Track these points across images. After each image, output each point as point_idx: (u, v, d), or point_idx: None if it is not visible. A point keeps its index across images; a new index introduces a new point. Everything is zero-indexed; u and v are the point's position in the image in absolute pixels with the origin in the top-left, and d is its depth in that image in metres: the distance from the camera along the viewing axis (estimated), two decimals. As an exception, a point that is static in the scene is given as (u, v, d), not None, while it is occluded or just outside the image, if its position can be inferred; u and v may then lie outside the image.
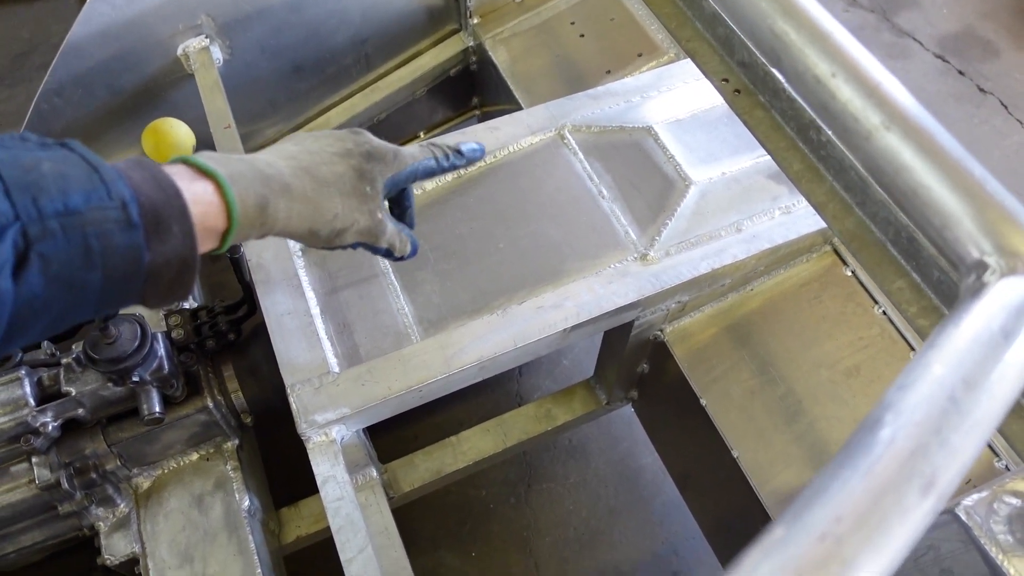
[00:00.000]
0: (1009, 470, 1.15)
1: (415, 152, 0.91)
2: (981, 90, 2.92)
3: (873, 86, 0.62)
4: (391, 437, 1.92)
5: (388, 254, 0.93)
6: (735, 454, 1.31)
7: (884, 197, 0.82)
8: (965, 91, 2.92)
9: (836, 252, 1.43)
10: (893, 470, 0.37)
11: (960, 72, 2.97)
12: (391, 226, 0.88)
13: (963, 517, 0.79)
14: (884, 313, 1.36)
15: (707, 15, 1.06)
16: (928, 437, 0.38)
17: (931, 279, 0.82)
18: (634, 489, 2.03)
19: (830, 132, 0.71)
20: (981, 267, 0.52)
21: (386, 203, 0.90)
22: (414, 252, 0.98)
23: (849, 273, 1.41)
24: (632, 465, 2.06)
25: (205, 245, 0.67)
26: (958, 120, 2.84)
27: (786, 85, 0.89)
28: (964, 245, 0.54)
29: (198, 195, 0.65)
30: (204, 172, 0.67)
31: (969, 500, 0.81)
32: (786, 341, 1.38)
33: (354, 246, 0.87)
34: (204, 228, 0.65)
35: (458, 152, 0.95)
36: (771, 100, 0.98)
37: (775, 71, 0.78)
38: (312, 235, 0.78)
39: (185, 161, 0.68)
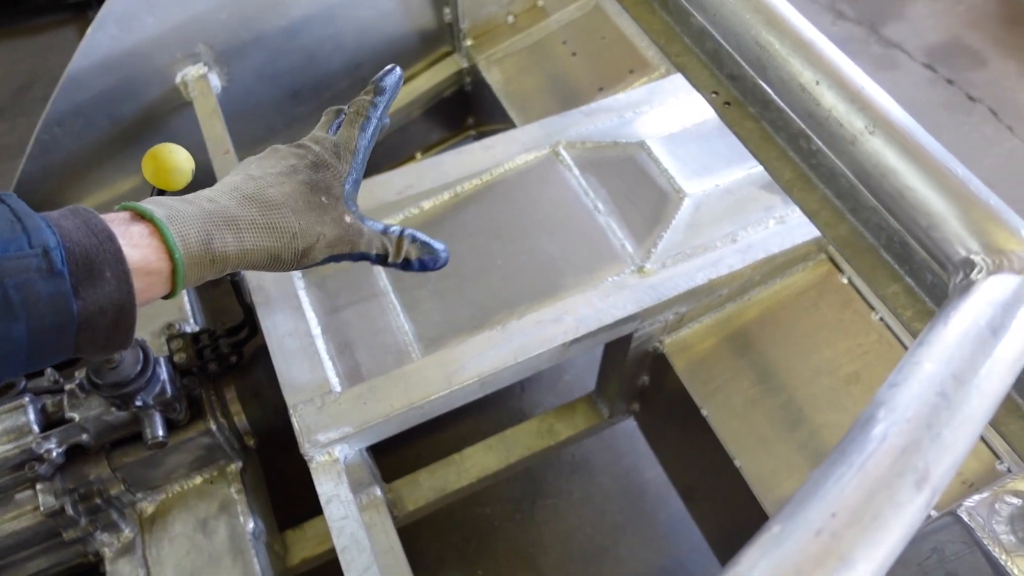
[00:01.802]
0: (1011, 472, 1.16)
1: (354, 140, 0.84)
2: (970, 98, 2.95)
3: (856, 91, 0.64)
4: (394, 456, 1.92)
5: (383, 260, 0.86)
6: (737, 464, 1.31)
7: (875, 203, 0.83)
8: (954, 100, 2.95)
9: (832, 260, 1.44)
10: (886, 465, 0.38)
11: (949, 81, 3.00)
12: (369, 228, 0.83)
13: (965, 518, 0.80)
14: (881, 319, 1.36)
15: (695, 30, 1.08)
16: (920, 432, 0.39)
17: (924, 283, 0.83)
18: (639, 503, 2.02)
19: (817, 138, 0.72)
20: (968, 265, 0.53)
21: (356, 208, 0.82)
22: (435, 261, 0.87)
23: (845, 281, 1.42)
24: (636, 479, 2.05)
25: (153, 291, 0.65)
26: (949, 128, 2.87)
27: (774, 96, 0.91)
28: (951, 244, 0.55)
29: (134, 239, 0.63)
30: (141, 215, 0.65)
31: (971, 501, 0.81)
32: (785, 350, 1.39)
33: (334, 259, 0.82)
34: (146, 272, 0.63)
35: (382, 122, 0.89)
36: (761, 111, 1.00)
37: (761, 81, 0.79)
38: (276, 260, 0.75)
39: (126, 207, 0.66)
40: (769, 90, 0.82)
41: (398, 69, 0.88)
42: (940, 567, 0.87)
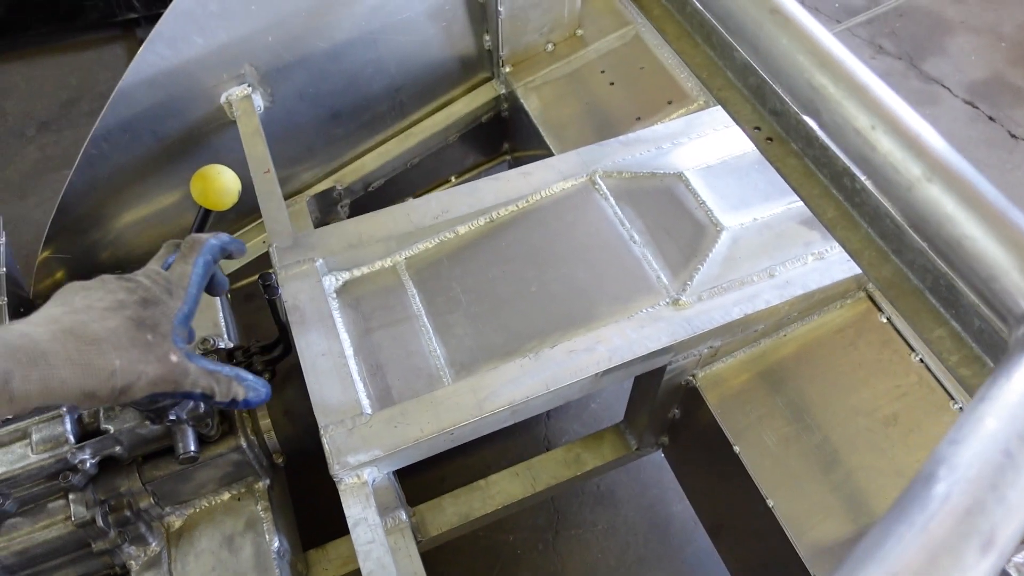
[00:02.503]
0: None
1: (185, 276, 0.86)
2: (1012, 136, 2.90)
3: (913, 137, 0.63)
4: (419, 479, 1.91)
5: (207, 399, 0.85)
6: (770, 503, 1.28)
7: (921, 245, 0.82)
8: (996, 137, 2.91)
9: (871, 299, 1.42)
10: (949, 527, 0.36)
11: (991, 118, 2.96)
12: (196, 367, 0.82)
13: (1014, 574, 0.77)
14: (921, 361, 1.33)
15: (738, 65, 1.07)
16: (984, 493, 0.37)
17: (972, 328, 0.81)
18: (664, 537, 1.99)
19: (869, 183, 0.71)
20: (1030, 319, 0.52)
21: (185, 346, 0.81)
22: (257, 399, 0.91)
23: (884, 320, 1.39)
24: (662, 512, 2.02)
25: None
26: (991, 166, 2.83)
27: (820, 133, 0.90)
28: (1012, 296, 0.54)
29: None
30: None
31: (1020, 558, 0.79)
32: (821, 388, 1.36)
33: (155, 398, 0.80)
34: None
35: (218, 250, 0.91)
36: (804, 148, 0.99)
37: (813, 124, 0.78)
38: (89, 397, 0.72)
39: None
40: (815, 128, 0.81)
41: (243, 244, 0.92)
42: (985, 624, 0.84)
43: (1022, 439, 0.40)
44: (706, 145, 1.52)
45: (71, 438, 1.19)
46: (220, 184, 0.96)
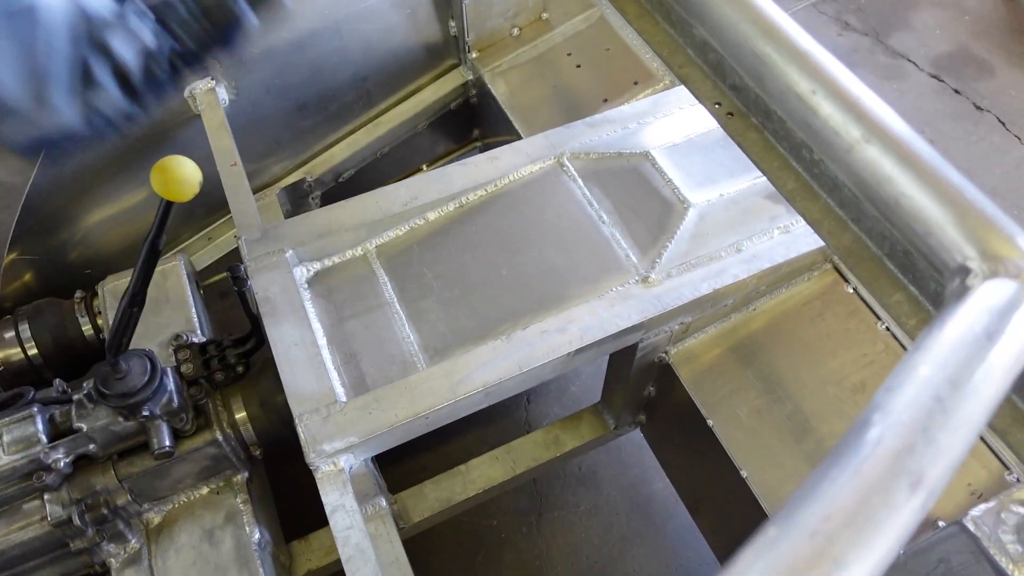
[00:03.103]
0: (1020, 482, 1.15)
1: None
2: (978, 108, 2.94)
3: (852, 101, 0.64)
4: (401, 468, 1.92)
5: None
6: (744, 474, 1.30)
7: (877, 212, 0.83)
8: (962, 109, 2.94)
9: (837, 270, 1.44)
10: (881, 469, 0.38)
11: (956, 91, 3.00)
12: None
13: (971, 528, 0.79)
14: (887, 329, 1.36)
15: (698, 42, 1.08)
16: (915, 436, 0.39)
17: (928, 291, 0.83)
18: (646, 515, 2.01)
19: (814, 147, 0.73)
20: (964, 271, 0.53)
21: None
22: None
23: (851, 290, 1.41)
24: (643, 491, 2.05)
25: None
26: (957, 138, 2.86)
27: (776, 107, 0.91)
28: (947, 251, 0.55)
29: None
30: None
31: (976, 511, 0.81)
32: (791, 360, 1.38)
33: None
34: None
35: None
36: (763, 121, 1.00)
37: (761, 92, 0.80)
38: None
39: None
40: (770, 101, 0.82)
41: None
42: (947, 577, 0.87)
43: (952, 384, 0.41)
44: (672, 124, 1.54)
45: (43, 438, 1.18)
46: (180, 174, 0.96)
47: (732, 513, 1.48)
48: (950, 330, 0.45)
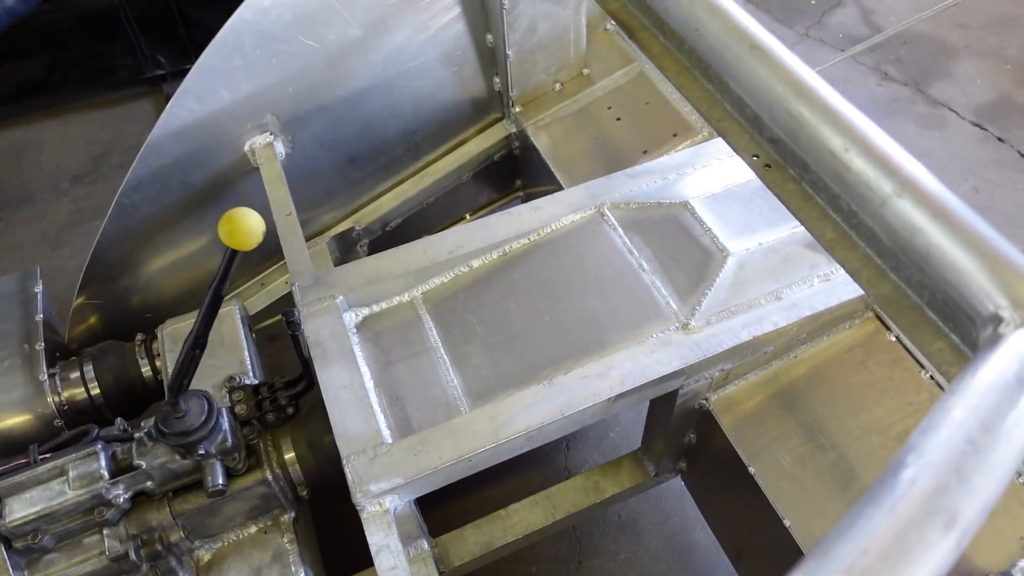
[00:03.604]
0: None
1: None
2: (1023, 155, 2.91)
3: (884, 157, 0.67)
4: (442, 512, 1.93)
5: None
6: (787, 523, 1.29)
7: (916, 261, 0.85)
8: (1006, 157, 2.92)
9: (879, 318, 1.44)
10: (915, 507, 0.39)
11: (999, 139, 2.98)
12: None
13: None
14: (931, 377, 1.35)
15: (734, 97, 1.12)
16: (948, 476, 0.40)
17: (970, 339, 0.84)
18: (687, 566, 1.98)
19: (848, 201, 0.75)
20: (996, 320, 0.55)
21: None
22: None
23: (893, 339, 1.41)
24: (684, 541, 2.02)
25: None
26: (1002, 186, 2.84)
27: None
28: (979, 300, 0.57)
29: None
30: None
31: (1025, 562, 0.80)
32: (834, 407, 1.38)
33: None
34: None
35: None
36: (801, 173, 1.03)
37: (795, 148, 0.83)
38: None
39: None
40: (805, 156, 0.85)
41: None
42: (998, 631, 0.85)
43: (985, 428, 0.43)
44: (710, 174, 1.57)
45: (106, 474, 1.23)
46: (246, 225, 1.02)
47: (775, 563, 1.46)
48: (983, 376, 0.47)
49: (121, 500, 1.23)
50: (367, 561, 1.13)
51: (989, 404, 0.45)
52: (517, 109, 1.99)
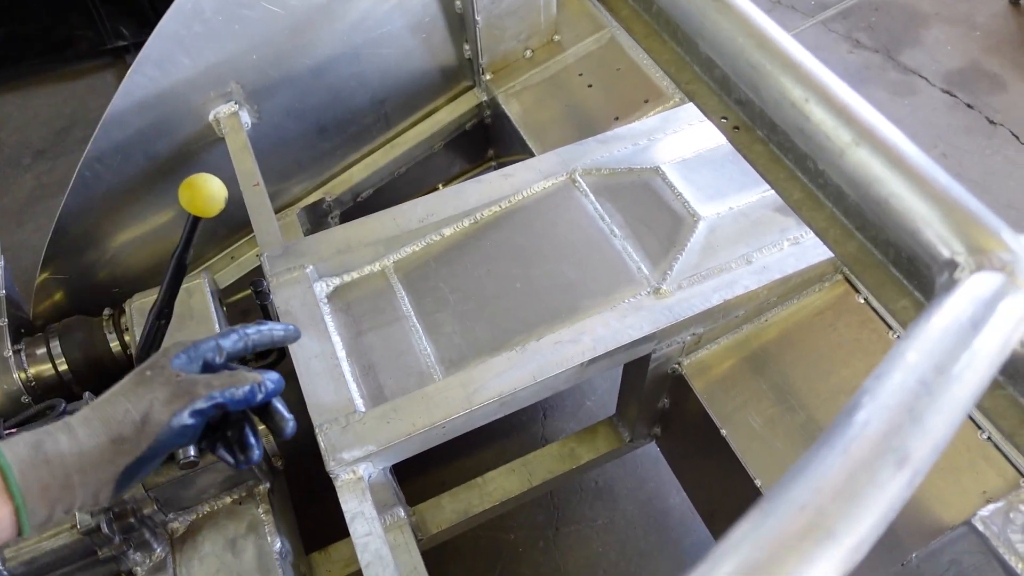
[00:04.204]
0: (1034, 488, 1.15)
1: (203, 343, 0.89)
2: (991, 122, 2.95)
3: (842, 106, 0.67)
4: (419, 482, 1.94)
5: (237, 402, 0.85)
6: (758, 483, 1.31)
7: (881, 219, 0.86)
8: (975, 124, 2.95)
9: (848, 280, 1.46)
10: (868, 448, 0.40)
11: (969, 105, 3.01)
12: (204, 377, 0.84)
13: (980, 528, 0.80)
14: (899, 338, 1.37)
15: (703, 58, 1.12)
16: (901, 417, 0.41)
17: (931, 293, 0.85)
18: (663, 530, 2.01)
19: (808, 152, 0.76)
20: (952, 265, 0.55)
21: (197, 369, 0.85)
22: (277, 380, 0.91)
23: (862, 300, 1.43)
24: (660, 506, 2.05)
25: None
26: (971, 152, 2.87)
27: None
28: (936, 246, 0.58)
29: None
30: None
31: (985, 511, 0.82)
32: (804, 369, 1.40)
33: (194, 425, 0.81)
34: None
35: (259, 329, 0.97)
36: (768, 134, 1.03)
37: (757, 102, 0.83)
38: (119, 442, 0.76)
39: None
40: (770, 112, 0.85)
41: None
42: (958, 579, 0.88)
43: (938, 369, 0.43)
44: (681, 139, 1.57)
45: (74, 448, 1.22)
46: (207, 191, 1.00)
47: (748, 524, 1.49)
48: (937, 320, 0.47)
49: (91, 474, 1.22)
50: (346, 531, 1.13)
51: (943, 347, 0.45)
52: (488, 77, 1.97)
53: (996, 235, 0.55)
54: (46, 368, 1.54)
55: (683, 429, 1.61)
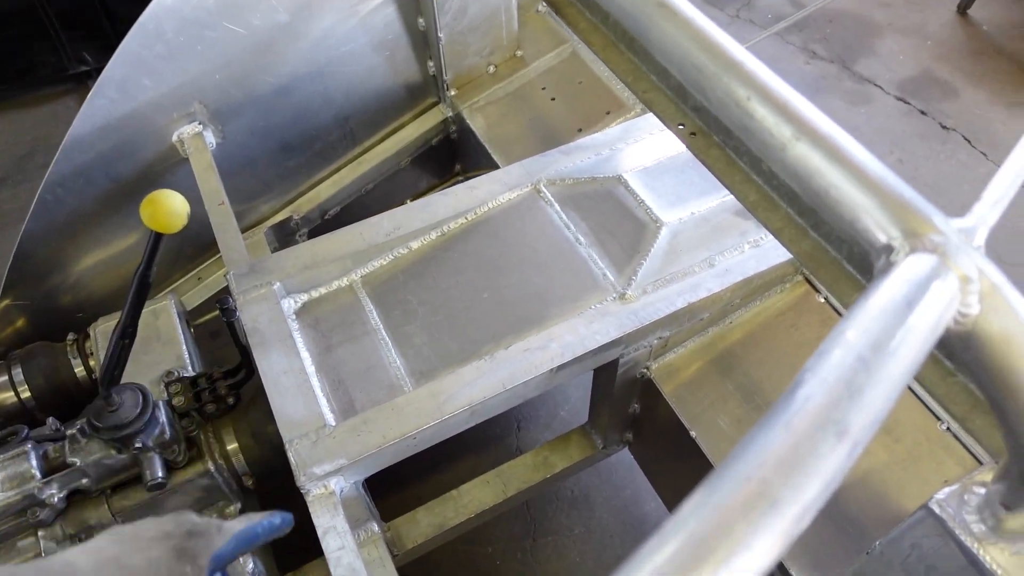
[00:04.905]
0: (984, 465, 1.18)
1: (237, 524, 0.87)
2: (944, 127, 3.04)
3: (783, 104, 0.70)
4: (394, 498, 1.93)
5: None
6: (728, 483, 1.33)
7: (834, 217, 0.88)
8: (929, 130, 3.04)
9: (808, 281, 1.49)
10: (809, 421, 0.42)
11: (922, 112, 3.10)
12: None
13: (937, 510, 0.82)
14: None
15: (659, 67, 1.14)
16: (841, 391, 0.43)
17: (872, 279, 0.88)
18: (640, 536, 2.02)
19: (753, 148, 0.78)
20: (888, 249, 0.58)
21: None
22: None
23: (822, 300, 1.46)
24: (636, 513, 2.06)
25: None
26: (925, 157, 2.96)
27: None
28: (873, 232, 0.60)
29: None
30: None
31: (941, 494, 0.84)
32: (768, 369, 1.42)
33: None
34: None
35: (272, 522, 0.94)
36: (724, 139, 1.06)
37: (704, 103, 0.85)
38: None
39: None
40: (719, 114, 0.88)
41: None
42: (920, 563, 0.89)
43: (875, 346, 0.45)
44: (642, 148, 1.60)
45: (37, 474, 1.20)
46: (168, 206, 1.00)
47: (721, 525, 1.50)
48: (874, 300, 0.49)
49: (56, 500, 1.20)
50: (320, 552, 1.12)
51: (880, 325, 0.47)
52: (452, 92, 1.99)
53: (928, 220, 0.57)
54: (8, 396, 1.51)
55: (654, 433, 1.63)
